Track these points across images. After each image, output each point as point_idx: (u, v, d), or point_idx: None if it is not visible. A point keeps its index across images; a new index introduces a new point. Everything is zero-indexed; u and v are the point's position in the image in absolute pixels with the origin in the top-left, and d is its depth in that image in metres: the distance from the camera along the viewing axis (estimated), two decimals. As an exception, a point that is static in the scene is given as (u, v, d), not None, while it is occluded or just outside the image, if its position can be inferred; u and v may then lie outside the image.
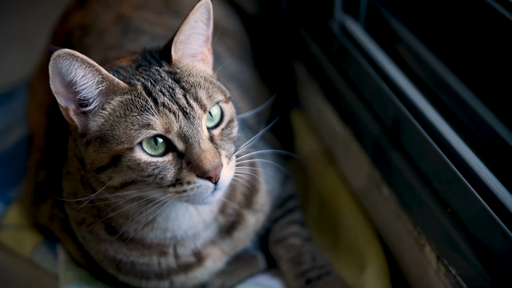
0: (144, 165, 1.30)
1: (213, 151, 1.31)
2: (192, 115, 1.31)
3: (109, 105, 1.32)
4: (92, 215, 1.50)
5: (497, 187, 1.39)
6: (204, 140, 1.31)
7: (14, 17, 2.93)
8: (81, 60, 1.27)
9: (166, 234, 1.50)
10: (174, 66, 1.38)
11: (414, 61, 1.75)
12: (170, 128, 1.29)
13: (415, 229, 1.59)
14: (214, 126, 1.37)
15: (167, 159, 1.31)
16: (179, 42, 1.38)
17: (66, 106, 1.32)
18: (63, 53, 1.25)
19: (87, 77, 1.29)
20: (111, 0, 1.96)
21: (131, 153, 1.29)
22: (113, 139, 1.30)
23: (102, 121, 1.32)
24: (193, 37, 1.40)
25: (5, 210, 1.93)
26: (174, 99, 1.31)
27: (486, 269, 1.34)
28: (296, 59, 2.26)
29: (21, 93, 2.28)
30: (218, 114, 1.38)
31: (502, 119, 1.47)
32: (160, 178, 1.31)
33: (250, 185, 1.60)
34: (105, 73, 1.30)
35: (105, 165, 1.32)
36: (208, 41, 1.44)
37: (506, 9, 1.44)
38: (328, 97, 2.03)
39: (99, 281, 1.64)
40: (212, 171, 1.30)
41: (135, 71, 1.36)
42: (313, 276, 1.66)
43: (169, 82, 1.33)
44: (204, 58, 1.44)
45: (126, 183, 1.33)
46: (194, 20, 1.37)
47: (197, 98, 1.33)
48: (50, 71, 1.26)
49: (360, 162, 1.83)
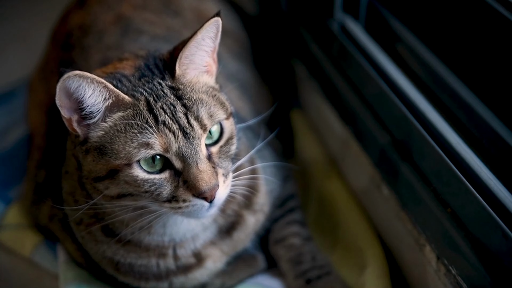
0: (141, 181, 1.30)
1: (210, 171, 1.31)
2: (191, 135, 1.30)
3: (110, 119, 1.32)
4: (89, 216, 1.50)
5: (497, 187, 1.39)
6: (202, 160, 1.31)
7: (14, 17, 2.93)
8: (90, 80, 1.26)
9: (164, 238, 1.50)
10: (177, 81, 1.36)
11: (414, 61, 1.75)
12: (169, 148, 1.29)
13: (415, 229, 1.58)
14: (213, 143, 1.37)
15: (164, 176, 1.31)
16: (184, 57, 1.36)
17: (69, 117, 1.32)
18: (73, 75, 1.24)
19: (94, 95, 1.29)
20: (111, 0, 1.96)
21: (128, 169, 1.30)
22: (112, 152, 1.30)
23: (102, 133, 1.32)
24: (199, 53, 1.38)
25: (5, 210, 1.93)
26: (175, 118, 1.30)
27: (486, 269, 1.34)
28: (296, 59, 2.26)
29: (21, 93, 2.28)
30: (217, 132, 1.37)
31: (502, 119, 1.47)
32: (156, 194, 1.31)
33: (250, 187, 1.60)
34: (112, 88, 1.29)
35: (103, 176, 1.32)
36: (214, 51, 1.42)
37: (506, 9, 1.44)
38: (328, 97, 2.03)
39: (99, 281, 1.64)
40: (208, 192, 1.30)
41: (137, 82, 1.35)
42: (313, 276, 1.66)
43: (171, 99, 1.32)
44: (208, 69, 1.42)
45: (123, 195, 1.33)
46: (201, 38, 1.35)
47: (198, 118, 1.32)
48: (57, 89, 1.26)
49: (360, 162, 1.83)
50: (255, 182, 1.62)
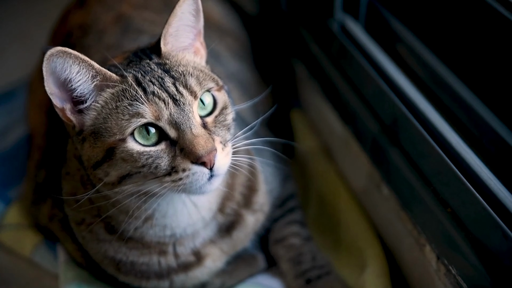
0: (137, 155, 1.30)
1: (205, 136, 1.31)
2: (182, 102, 1.31)
3: (101, 98, 1.33)
4: (92, 215, 1.50)
5: (497, 187, 1.39)
6: (195, 125, 1.31)
7: (14, 17, 2.93)
8: (74, 57, 1.27)
9: (165, 231, 1.50)
10: (163, 58, 1.39)
11: (414, 61, 1.75)
12: (160, 116, 1.29)
13: (415, 228, 1.58)
14: (208, 114, 1.37)
15: (160, 148, 1.31)
16: (168, 35, 1.39)
17: (62, 106, 1.33)
18: (56, 51, 1.25)
19: (81, 72, 1.30)
20: (111, 0, 1.96)
21: (123, 144, 1.30)
22: (106, 131, 1.31)
23: (95, 115, 1.33)
24: (182, 29, 1.40)
25: (5, 210, 1.93)
26: (164, 87, 1.31)
27: (486, 269, 1.34)
28: (296, 59, 2.26)
29: (21, 93, 2.28)
30: (210, 103, 1.38)
31: (502, 119, 1.47)
32: (154, 167, 1.30)
33: (249, 185, 1.60)
34: (98, 67, 1.31)
35: (101, 160, 1.32)
36: (200, 35, 1.44)
37: (506, 9, 1.44)
38: (328, 97, 2.03)
39: (99, 281, 1.64)
40: (206, 156, 1.29)
41: (126, 67, 1.37)
42: (313, 276, 1.66)
43: (158, 73, 1.34)
44: (196, 51, 1.44)
45: (122, 177, 1.33)
46: (181, 12, 1.37)
47: (186, 85, 1.33)
48: (44, 71, 1.26)
49: (360, 161, 1.83)
50: (255, 180, 1.61)
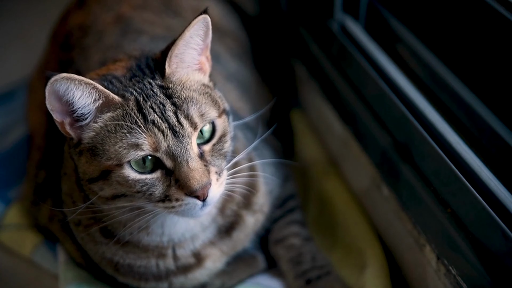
0: (132, 182, 1.30)
1: (201, 169, 1.31)
2: (181, 134, 1.30)
3: (101, 119, 1.32)
4: (87, 218, 1.50)
5: (497, 187, 1.39)
6: (193, 158, 1.30)
7: (14, 17, 2.93)
8: (78, 82, 1.26)
9: (163, 238, 1.50)
10: (167, 80, 1.36)
11: (414, 61, 1.75)
12: (158, 147, 1.29)
13: (415, 229, 1.58)
14: (205, 142, 1.36)
15: (156, 176, 1.31)
16: (173, 56, 1.35)
17: (62, 120, 1.32)
18: (60, 78, 1.24)
19: (84, 96, 1.28)
20: (110, 1, 1.96)
21: (120, 169, 1.30)
22: (103, 153, 1.30)
23: (94, 134, 1.32)
24: (188, 51, 1.37)
25: (5, 210, 1.93)
26: (164, 117, 1.30)
27: (486, 269, 1.34)
28: (296, 59, 2.26)
29: (21, 93, 2.28)
30: (209, 130, 1.37)
31: (502, 119, 1.47)
32: (148, 194, 1.31)
33: (249, 186, 1.60)
34: (101, 89, 1.29)
35: (96, 177, 1.33)
36: (207, 49, 1.41)
37: (506, 9, 1.44)
38: (328, 97, 2.03)
39: (99, 281, 1.64)
40: (200, 190, 1.30)
41: (128, 82, 1.35)
42: (313, 276, 1.66)
43: (160, 98, 1.32)
44: (201, 67, 1.42)
45: (117, 195, 1.33)
46: (190, 36, 1.34)
47: (188, 116, 1.31)
48: (46, 92, 1.25)
49: (360, 162, 1.83)
50: (254, 181, 1.62)
